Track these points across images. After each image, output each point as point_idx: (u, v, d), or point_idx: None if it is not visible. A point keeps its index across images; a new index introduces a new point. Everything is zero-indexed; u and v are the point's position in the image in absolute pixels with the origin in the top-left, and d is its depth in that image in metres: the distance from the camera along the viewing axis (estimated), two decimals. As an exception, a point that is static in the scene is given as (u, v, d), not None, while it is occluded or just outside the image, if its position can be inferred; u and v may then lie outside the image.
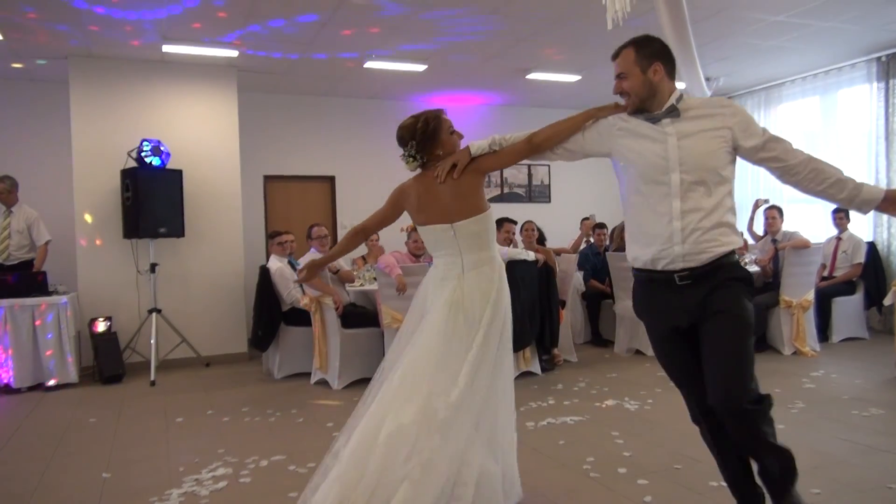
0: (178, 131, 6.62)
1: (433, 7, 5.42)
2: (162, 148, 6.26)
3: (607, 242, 7.51)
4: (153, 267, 6.30)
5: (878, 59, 7.23)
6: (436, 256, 2.80)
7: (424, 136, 2.68)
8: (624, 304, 6.42)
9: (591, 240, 7.79)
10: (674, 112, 2.36)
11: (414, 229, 5.91)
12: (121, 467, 3.62)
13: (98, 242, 6.37)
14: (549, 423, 4.18)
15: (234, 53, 6.35)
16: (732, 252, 2.35)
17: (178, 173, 6.36)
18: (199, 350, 6.52)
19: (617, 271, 6.51)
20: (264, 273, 5.95)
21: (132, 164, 6.21)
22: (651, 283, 2.43)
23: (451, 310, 2.61)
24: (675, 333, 2.40)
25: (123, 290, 6.40)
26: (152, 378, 5.82)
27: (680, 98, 2.39)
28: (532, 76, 7.49)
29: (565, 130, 2.55)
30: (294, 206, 8.26)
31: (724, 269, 2.33)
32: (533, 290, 5.47)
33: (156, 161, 6.19)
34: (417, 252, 5.62)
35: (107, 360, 5.93)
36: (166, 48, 6.12)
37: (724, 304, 2.29)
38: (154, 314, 6.23)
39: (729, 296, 2.31)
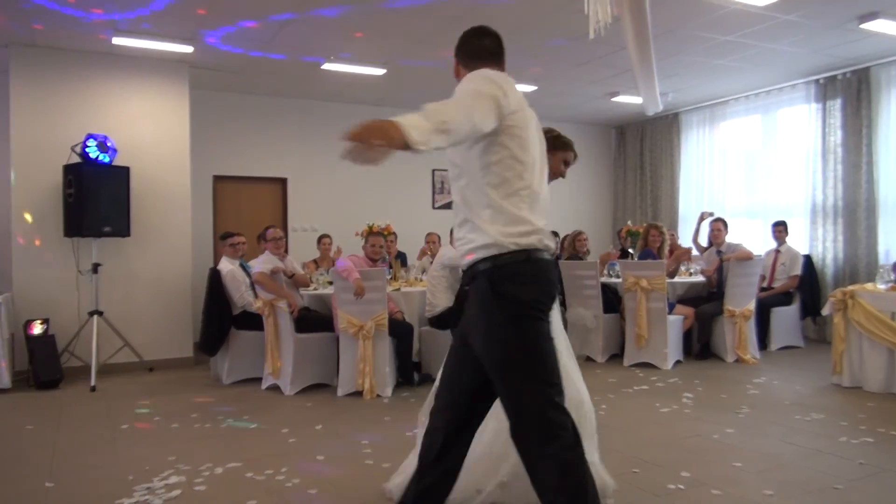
0: (126, 127, 6.38)
1: (398, 12, 5.41)
2: (108, 144, 6.03)
3: (558, 251, 7.63)
4: (95, 267, 6.04)
5: (817, 81, 7.59)
6: None
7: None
8: (576, 311, 6.52)
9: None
10: None
11: (370, 233, 5.87)
12: (65, 476, 3.45)
13: (37, 242, 6.08)
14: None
15: (188, 49, 6.18)
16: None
17: (124, 170, 6.13)
18: (142, 354, 6.29)
19: (570, 279, 6.61)
20: (215, 275, 5.79)
21: (76, 159, 5.95)
22: None
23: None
24: None
25: (62, 291, 6.11)
26: (93, 383, 5.57)
27: None
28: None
29: None
30: (244, 207, 8.08)
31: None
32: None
33: (102, 157, 5.96)
34: (374, 256, 5.58)
35: (43, 365, 5.65)
36: (117, 41, 5.91)
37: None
38: (95, 316, 5.97)
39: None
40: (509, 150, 2.13)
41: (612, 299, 6.64)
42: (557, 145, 2.85)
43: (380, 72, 7.04)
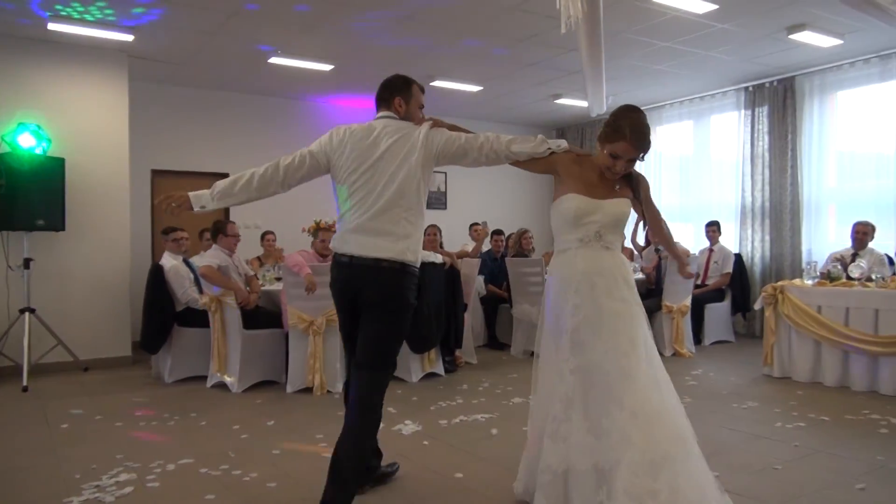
0: (61, 117, 6.12)
1: (348, 7, 5.39)
2: (42, 133, 5.77)
3: (503, 249, 7.76)
4: (27, 262, 5.76)
5: (746, 88, 7.99)
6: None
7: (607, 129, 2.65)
8: (522, 307, 6.65)
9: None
10: None
11: (318, 229, 5.82)
12: (4, 477, 3.29)
13: (-38, 234, 5.76)
14: (461, 420, 4.26)
15: (128, 38, 5.98)
16: None
17: (59, 162, 5.88)
18: (76, 353, 6.03)
19: (516, 276, 6.74)
20: (157, 271, 5.62)
21: (6, 149, 5.67)
22: None
23: None
24: None
25: (-10, 288, 5.82)
26: (24, 383, 5.31)
27: None
28: (436, 83, 7.61)
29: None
30: (184, 203, 7.84)
31: None
32: (439, 293, 5.54)
33: (35, 147, 5.70)
34: (324, 252, 5.54)
35: (-31, 365, 5.36)
36: (52, 26, 5.66)
37: None
38: (27, 314, 5.70)
39: None
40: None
41: (556, 296, 6.79)
42: (600, 135, 2.67)
43: (327, 67, 6.99)
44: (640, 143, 2.60)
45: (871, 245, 6.03)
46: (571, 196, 2.64)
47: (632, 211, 2.77)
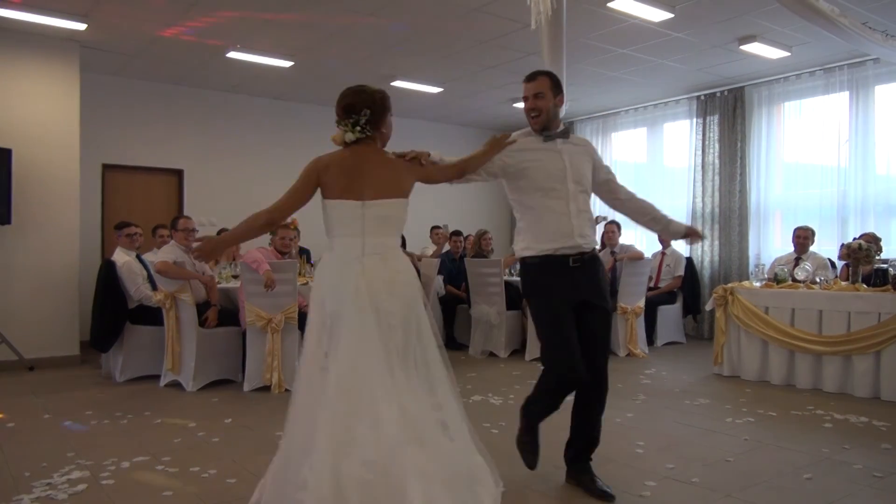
0: (8, 107, 5.92)
1: (311, 2, 5.36)
2: (-13, 123, 5.56)
3: (462, 250, 7.80)
4: (-31, 257, 5.55)
5: (698, 97, 8.24)
6: (335, 237, 2.62)
7: (382, 109, 2.64)
8: (480, 308, 6.70)
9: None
10: (565, 134, 2.98)
11: (279, 226, 5.75)
12: (-52, 476, 3.16)
13: None
14: (421, 417, 4.26)
15: (80, 26, 5.81)
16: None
17: (6, 153, 5.68)
18: (21, 352, 5.82)
19: (474, 277, 6.78)
20: (108, 267, 5.46)
21: (-52, 138, 5.46)
22: (547, 266, 2.88)
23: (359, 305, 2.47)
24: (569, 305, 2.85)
25: (-71, 283, 5.57)
26: (-35, 382, 5.11)
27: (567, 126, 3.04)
28: (396, 84, 7.61)
29: (482, 158, 2.92)
30: (136, 198, 7.66)
31: (597, 259, 3.00)
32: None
33: (-20, 137, 5.49)
34: (284, 249, 5.48)
35: None
36: (0, 12, 5.46)
37: (600, 300, 2.93)
38: (-32, 310, 5.48)
39: (602, 291, 2.95)
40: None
41: (514, 297, 6.86)
42: (365, 123, 2.64)
43: (286, 64, 6.93)
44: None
45: (812, 249, 6.29)
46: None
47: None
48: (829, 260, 6.35)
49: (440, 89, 7.97)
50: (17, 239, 5.95)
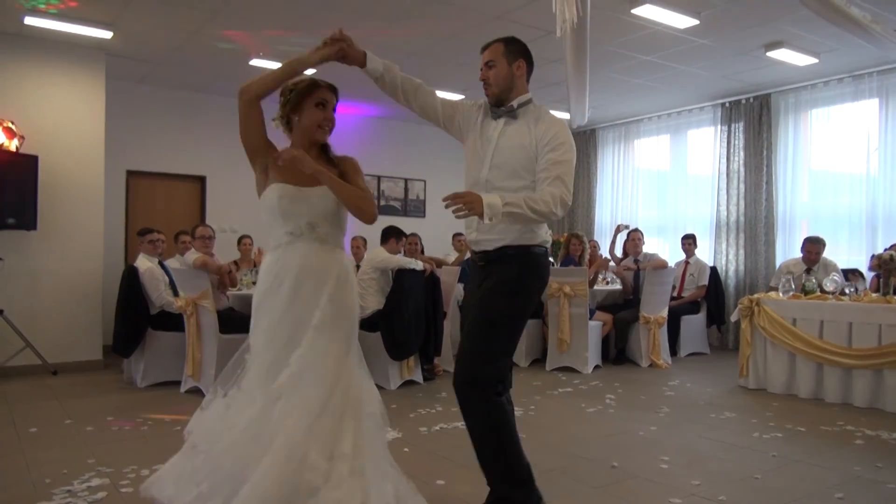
0: (36, 114, 5.99)
1: (333, 9, 5.37)
2: (14, 129, 5.64)
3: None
4: (-4, 262, 5.62)
5: (723, 104, 8.13)
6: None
7: (294, 94, 2.47)
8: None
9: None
10: (510, 111, 2.59)
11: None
12: (-30, 481, 3.18)
13: (-72, 231, 5.59)
14: (441, 428, 4.22)
15: (106, 35, 5.87)
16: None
17: (32, 159, 5.75)
18: (45, 356, 5.87)
19: (495, 285, 6.72)
20: (131, 273, 5.50)
21: (-23, 145, 5.54)
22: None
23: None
24: None
25: (-44, 287, 5.65)
26: (-10, 386, 5.17)
27: (527, 102, 2.61)
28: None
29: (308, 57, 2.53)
30: (159, 204, 7.73)
31: (511, 262, 2.56)
32: (419, 300, 5.51)
33: (7, 143, 5.57)
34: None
35: (-68, 366, 5.19)
36: (29, 21, 5.54)
37: (475, 310, 2.59)
38: (-6, 315, 5.55)
39: (482, 301, 2.57)
40: None
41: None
42: (290, 106, 2.54)
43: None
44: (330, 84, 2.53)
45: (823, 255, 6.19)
46: (275, 186, 2.45)
47: (612, 221, 2.80)
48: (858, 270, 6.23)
49: (462, 96, 7.94)
50: (43, 244, 6.02)
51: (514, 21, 5.59)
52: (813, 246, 6.19)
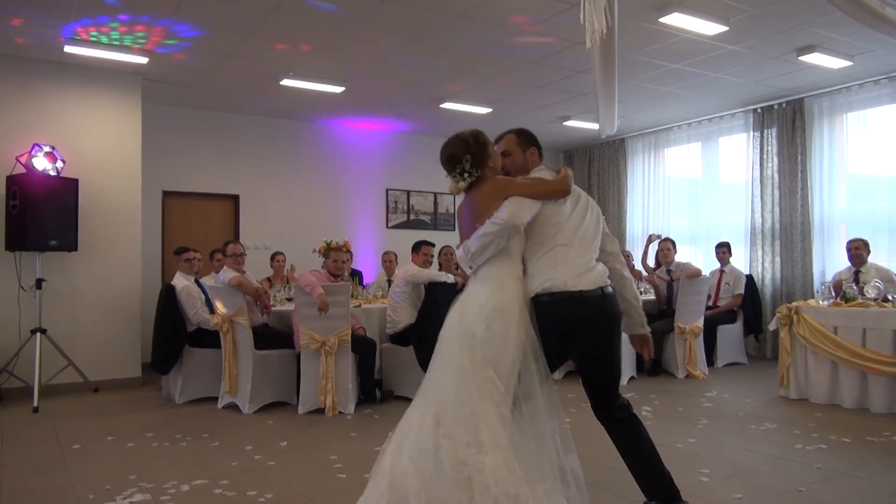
0: (75, 138, 6.17)
1: (360, 27, 5.45)
2: (56, 154, 5.81)
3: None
4: (39, 283, 5.76)
5: (755, 110, 8.02)
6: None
7: (481, 149, 2.70)
8: (533, 328, 6.60)
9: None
10: None
11: (329, 249, 5.81)
12: (18, 498, 3.26)
13: (-25, 254, 5.77)
14: (476, 441, 4.20)
15: (142, 60, 6.04)
16: None
17: (73, 182, 5.91)
18: (87, 374, 6.01)
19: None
20: (169, 291, 5.61)
21: (21, 170, 5.71)
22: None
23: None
24: None
25: (2, 308, 5.80)
26: (35, 404, 5.28)
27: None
28: (445, 106, 7.66)
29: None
30: (194, 224, 7.88)
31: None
32: (451, 313, 5.50)
33: (49, 168, 5.74)
34: (336, 272, 5.53)
35: (-20, 385, 5.34)
36: (69, 49, 5.72)
37: None
38: (38, 335, 5.68)
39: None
40: None
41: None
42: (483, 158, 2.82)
43: (339, 89, 7.04)
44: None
45: (870, 260, 6.05)
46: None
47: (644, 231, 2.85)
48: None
49: (489, 110, 7.98)
50: (83, 265, 6.18)
51: (540, 33, 5.60)
52: (852, 242, 6.09)
